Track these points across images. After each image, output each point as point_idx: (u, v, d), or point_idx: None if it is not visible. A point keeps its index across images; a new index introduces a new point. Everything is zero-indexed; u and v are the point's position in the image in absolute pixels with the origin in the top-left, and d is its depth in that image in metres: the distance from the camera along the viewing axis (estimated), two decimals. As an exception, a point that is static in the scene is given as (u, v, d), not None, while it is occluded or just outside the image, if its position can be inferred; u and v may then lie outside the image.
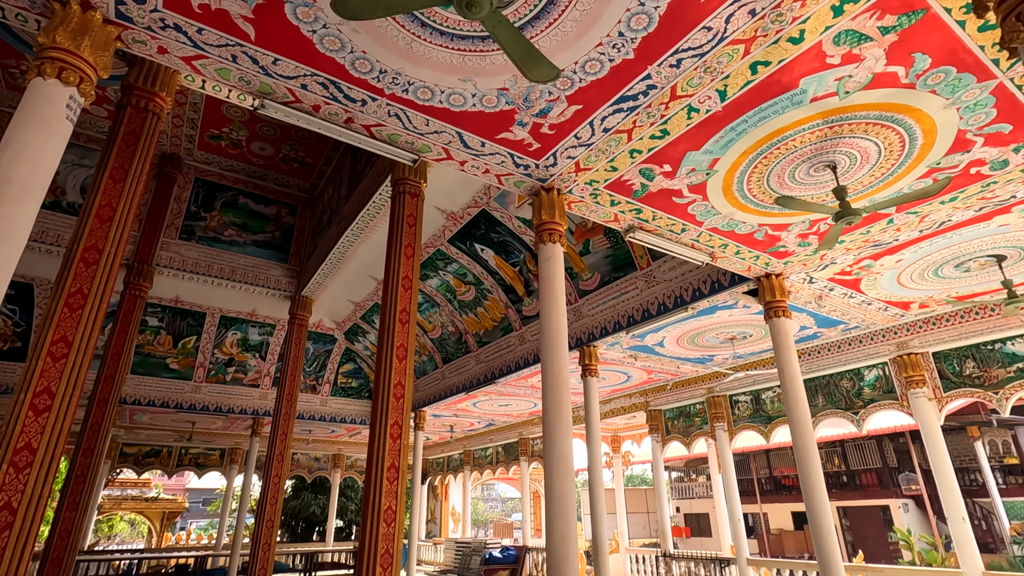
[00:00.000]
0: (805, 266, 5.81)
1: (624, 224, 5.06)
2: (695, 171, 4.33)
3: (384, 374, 6.09)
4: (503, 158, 4.39)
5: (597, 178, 4.45)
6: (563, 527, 3.07)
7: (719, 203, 4.79)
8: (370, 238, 9.42)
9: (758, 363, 8.78)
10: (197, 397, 12.61)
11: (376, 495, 5.64)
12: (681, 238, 5.27)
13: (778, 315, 5.65)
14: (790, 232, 5.32)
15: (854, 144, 4.11)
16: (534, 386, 10.59)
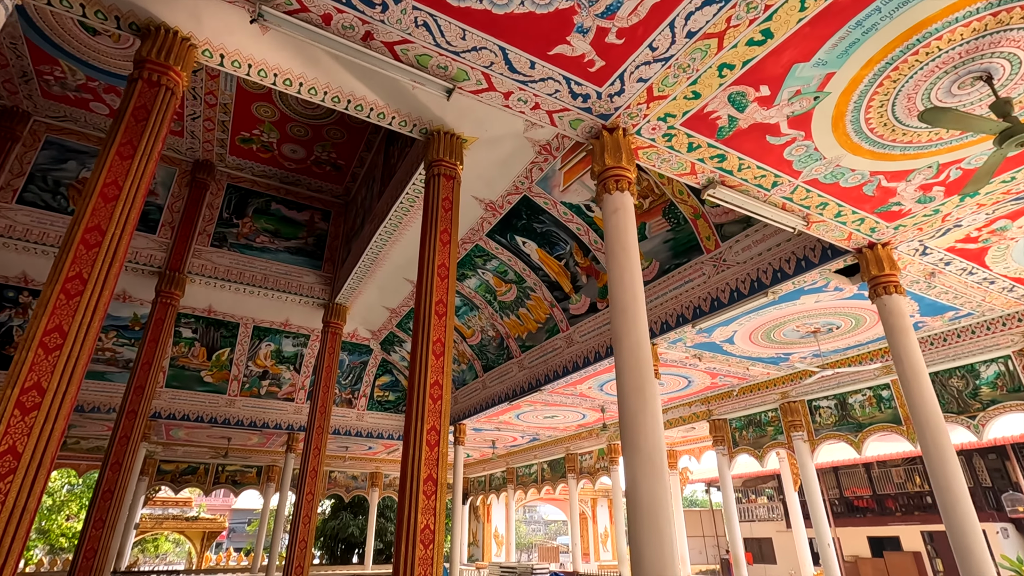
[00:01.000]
0: (921, 231, 4.77)
1: (703, 178, 4.18)
2: (800, 94, 3.43)
3: (419, 373, 5.38)
4: (557, 85, 3.62)
5: (673, 110, 3.58)
6: (657, 551, 2.24)
7: (825, 142, 3.84)
8: (404, 236, 8.83)
9: (842, 362, 7.68)
10: (231, 411, 12.22)
11: (411, 512, 4.87)
12: (771, 196, 4.36)
13: (888, 292, 4.65)
14: (910, 183, 4.32)
15: (1022, 40, 3.06)
16: (584, 394, 9.70)
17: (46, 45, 8.46)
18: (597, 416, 11.33)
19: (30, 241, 9.08)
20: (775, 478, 21.93)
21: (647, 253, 6.99)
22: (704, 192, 4.24)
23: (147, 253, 9.89)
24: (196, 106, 9.60)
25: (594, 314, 7.99)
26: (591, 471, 13.05)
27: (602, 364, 7.88)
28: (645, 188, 6.46)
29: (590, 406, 10.60)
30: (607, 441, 12.17)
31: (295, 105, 9.59)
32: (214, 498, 43.91)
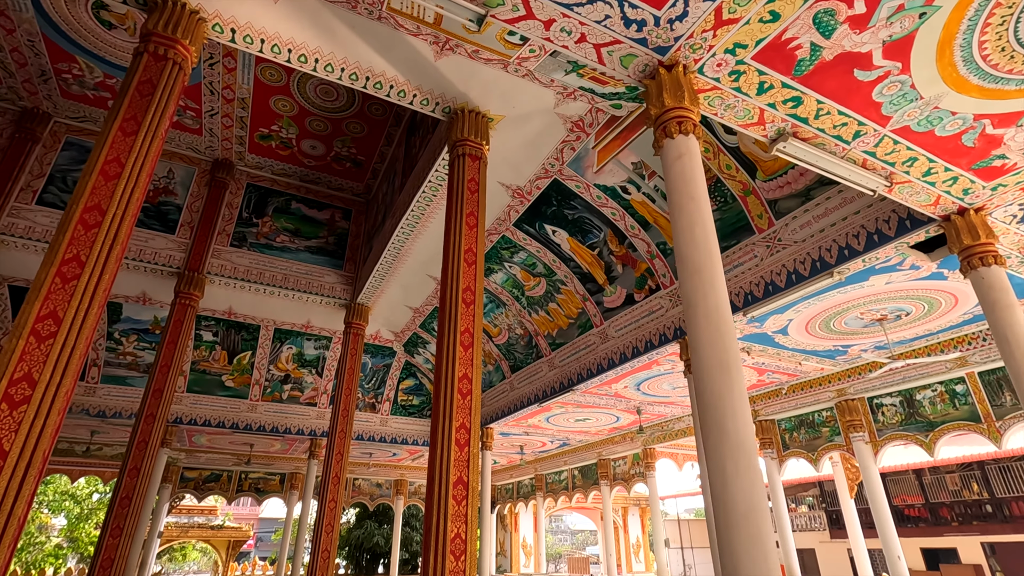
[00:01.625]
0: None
1: (771, 129, 3.61)
2: (903, 10, 2.84)
3: (446, 366, 4.91)
4: (608, 9, 3.06)
5: (744, 39, 3.00)
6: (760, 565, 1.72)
7: (925, 76, 3.23)
8: (427, 229, 8.43)
9: (908, 354, 6.96)
10: (253, 416, 11.94)
11: (440, 520, 4.37)
12: (850, 150, 3.77)
13: (986, 263, 4.00)
14: (1022, 128, 3.67)
15: None
16: (619, 394, 9.12)
17: (63, 41, 8.31)
18: (632, 419, 10.72)
19: (48, 242, 8.91)
20: (816, 485, 20.87)
21: (690, 237, 6.43)
22: (771, 147, 3.69)
23: (166, 254, 9.68)
24: (214, 101, 9.38)
25: (631, 306, 7.44)
26: (625, 477, 12.38)
27: (640, 360, 7.32)
28: (688, 164, 5.91)
29: (625, 407, 10.01)
30: (642, 445, 11.53)
31: (313, 98, 9.30)
32: (241, 507, 44.03)
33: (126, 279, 9.84)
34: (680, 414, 10.39)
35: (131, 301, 10.45)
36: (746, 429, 2.03)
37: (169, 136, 10.16)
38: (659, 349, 6.96)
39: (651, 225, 6.69)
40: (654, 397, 9.42)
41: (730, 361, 2.15)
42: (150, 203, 9.95)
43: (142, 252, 9.51)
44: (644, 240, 6.85)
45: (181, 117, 9.74)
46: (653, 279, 7.02)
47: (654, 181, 6.31)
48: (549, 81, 5.71)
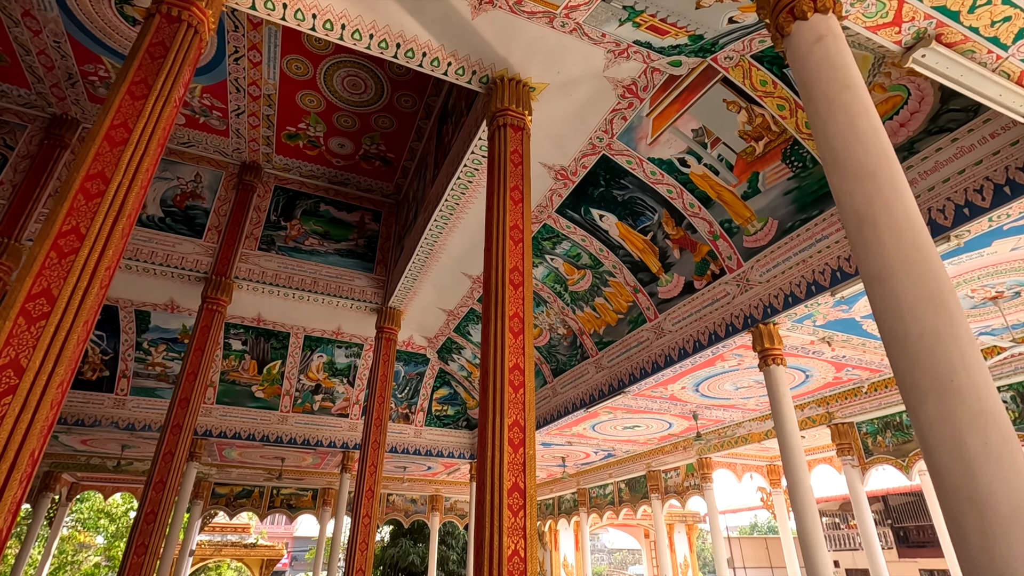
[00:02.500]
0: None
1: (909, 32, 2.86)
2: None
3: (494, 356, 4.28)
4: None
5: None
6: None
7: None
8: (462, 222, 7.88)
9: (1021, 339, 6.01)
10: (284, 429, 11.49)
11: (494, 534, 3.70)
12: (1006, 60, 3.04)
13: None
14: None
15: None
16: (675, 397, 8.31)
17: (88, 41, 8.12)
18: (687, 425, 9.85)
19: (76, 248, 8.67)
20: (880, 500, 19.31)
21: (760, 212, 5.69)
22: (906, 58, 2.98)
23: (193, 258, 9.36)
24: (240, 99, 9.09)
25: (690, 296, 6.69)
26: (679, 490, 11.41)
27: (702, 355, 6.55)
28: (759, 126, 5.22)
29: (680, 412, 9.18)
30: (697, 455, 10.59)
31: (340, 91, 8.92)
32: (276, 525, 43.83)
33: (153, 286, 9.55)
34: (740, 419, 9.49)
35: (159, 309, 10.16)
36: (987, 387, 1.35)
37: (196, 139, 9.93)
38: (725, 341, 6.19)
39: (713, 201, 5.97)
40: (713, 400, 8.58)
41: (944, 291, 1.48)
42: (177, 207, 9.69)
43: (169, 257, 9.21)
44: (705, 219, 6.13)
45: (208, 118, 9.49)
46: (716, 263, 6.28)
47: (717, 149, 5.62)
48: (600, 36, 5.10)
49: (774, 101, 4.98)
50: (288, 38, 8.00)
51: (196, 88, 8.95)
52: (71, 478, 13.83)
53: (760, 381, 7.77)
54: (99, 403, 10.40)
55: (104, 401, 10.44)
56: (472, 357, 11.40)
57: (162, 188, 9.75)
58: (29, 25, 7.91)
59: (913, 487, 19.14)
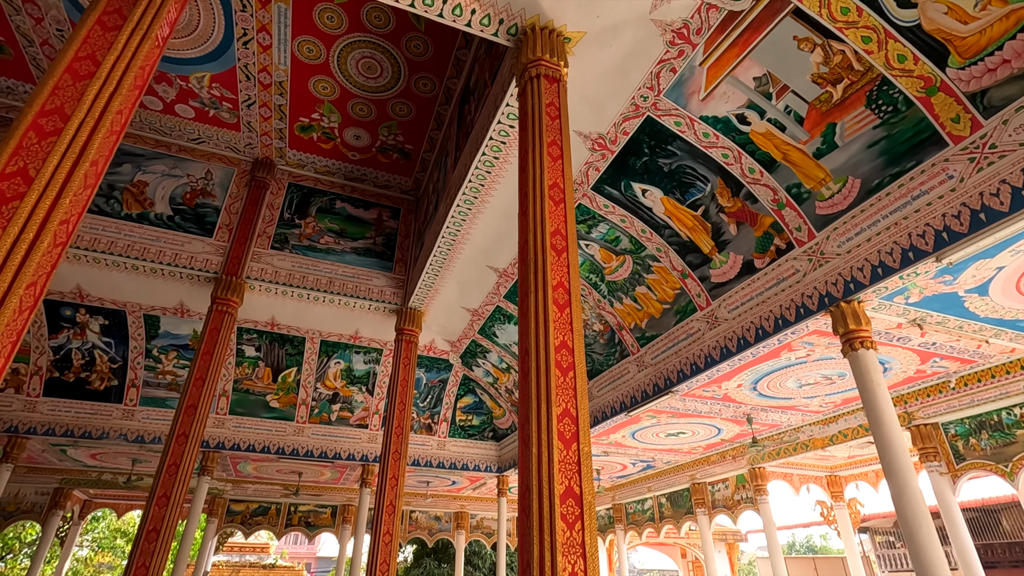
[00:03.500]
0: None
1: None
2: None
3: (537, 334, 3.54)
4: None
5: None
6: None
7: None
8: (487, 206, 7.20)
9: None
10: (300, 440, 10.84)
11: (545, 552, 2.93)
12: None
13: None
14: None
15: None
16: (728, 397, 7.40)
17: (92, 28, 7.73)
18: (738, 430, 8.90)
19: (80, 248, 8.22)
20: (976, 512, 17.67)
21: (837, 171, 4.88)
22: None
23: (203, 258, 8.83)
24: (250, 88, 8.62)
25: (749, 276, 5.86)
26: (728, 504, 10.36)
27: (766, 344, 5.69)
28: (837, 67, 4.44)
29: (732, 415, 8.26)
30: (749, 464, 9.58)
31: (355, 75, 8.39)
32: (298, 545, 43.01)
33: (162, 288, 9.04)
34: (799, 423, 8.52)
35: (168, 313, 9.64)
36: None
37: (206, 135, 9.49)
38: (795, 326, 5.33)
39: (778, 164, 5.18)
40: (772, 400, 7.66)
41: None
42: (187, 206, 9.21)
43: (178, 257, 8.70)
44: (768, 186, 5.34)
45: (217, 111, 9.04)
46: (782, 236, 5.46)
47: (784, 100, 4.84)
48: (649, -37, 4.38)
49: (858, 32, 4.21)
50: (298, 15, 7.50)
51: (204, 77, 8.51)
52: (83, 495, 13.35)
53: (828, 376, 6.84)
54: (107, 414, 9.87)
55: (112, 412, 9.91)
56: (498, 361, 10.64)
57: (171, 186, 9.29)
58: (31, 12, 7.55)
59: (994, 499, 17.57)
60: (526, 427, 3.31)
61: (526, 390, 3.41)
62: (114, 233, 8.49)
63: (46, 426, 9.48)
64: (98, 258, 8.33)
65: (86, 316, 9.47)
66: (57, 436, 9.51)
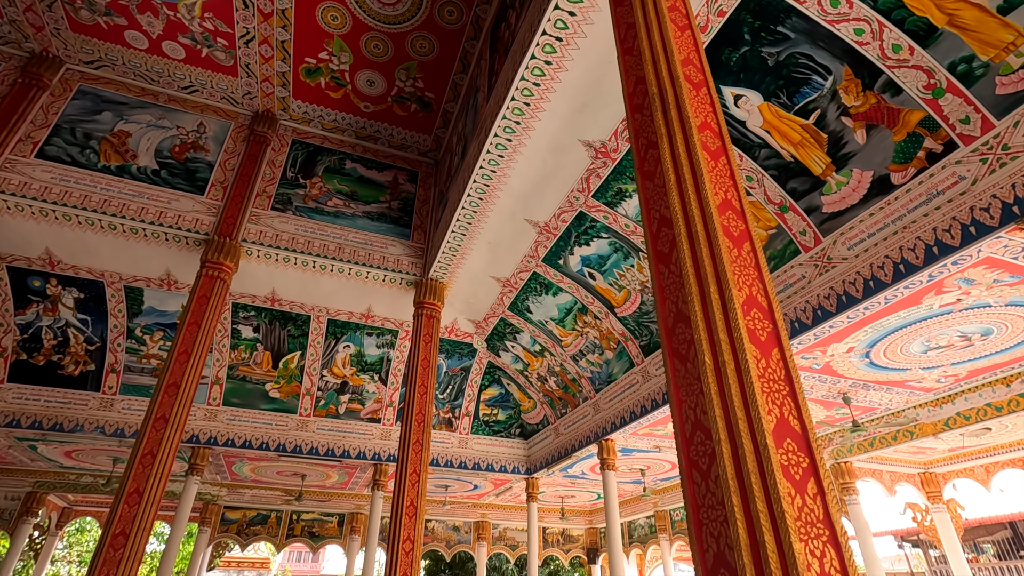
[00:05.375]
0: None
1: None
2: None
3: (681, 191, 2.25)
4: None
5: None
6: None
7: None
8: (530, 138, 5.92)
9: None
10: (304, 436, 9.49)
11: (762, 532, 1.52)
12: None
13: None
14: None
15: None
16: (830, 368, 5.89)
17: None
18: (823, 415, 7.47)
19: (48, 201, 7.01)
20: (1006, 526, 16.14)
21: None
22: None
23: (192, 217, 7.59)
24: (248, 19, 7.45)
25: (880, 198, 4.55)
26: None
27: (909, 283, 4.36)
28: None
29: (823, 394, 6.87)
30: (833, 458, 8.11)
31: (370, 1, 7.19)
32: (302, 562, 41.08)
33: (145, 254, 7.79)
34: (902, 405, 7.09)
35: (153, 285, 8.37)
36: None
37: (199, 81, 8.31)
38: (961, 252, 3.99)
39: (939, 32, 3.89)
40: (882, 372, 6.27)
41: None
42: (175, 160, 8.00)
43: (163, 215, 7.47)
44: (920, 67, 4.04)
45: (211, 49, 7.87)
46: (938, 135, 4.15)
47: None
48: None
49: None
50: (304, -84, 6.34)
51: (195, 5, 7.35)
52: (61, 501, 11.98)
53: (967, 335, 5.45)
54: (82, 404, 8.57)
55: (88, 401, 8.61)
56: (530, 343, 9.31)
57: (158, 137, 8.09)
58: (-10, -81, 6.44)
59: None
60: (679, 330, 2.00)
61: (671, 277, 2.11)
62: (88, 187, 7.27)
63: (10, 416, 8.18)
64: (68, 214, 7.10)
65: (58, 288, 8.21)
66: (23, 428, 8.21)
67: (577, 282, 7.67)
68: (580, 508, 15.28)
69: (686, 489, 1.78)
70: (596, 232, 6.86)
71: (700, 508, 1.71)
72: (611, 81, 5.22)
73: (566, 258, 7.43)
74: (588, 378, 8.79)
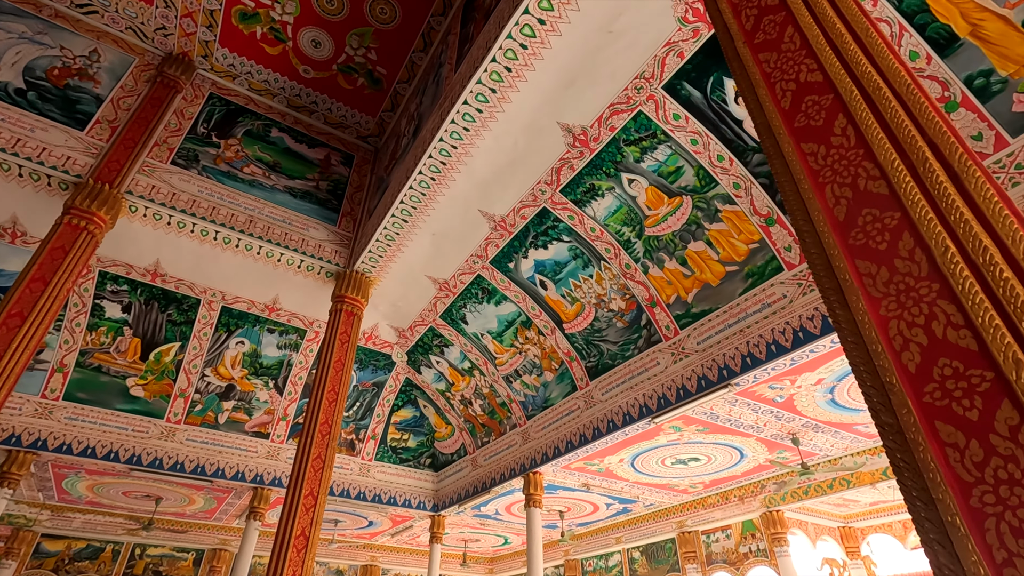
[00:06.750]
0: None
1: None
2: None
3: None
4: None
5: None
6: None
7: None
8: (506, 112, 5.24)
9: None
10: (168, 447, 7.74)
11: None
12: None
13: None
14: None
15: None
16: (791, 404, 5.54)
17: None
18: (764, 459, 7.11)
19: None
20: None
21: None
22: None
23: (62, 153, 6.07)
24: (179, -65, 6.29)
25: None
26: (731, 559, 8.32)
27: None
28: None
29: (772, 434, 6.52)
30: (764, 507, 7.74)
31: (332, -54, 6.36)
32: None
33: (-14, 190, 6.06)
34: (841, 452, 6.90)
35: (-9, 234, 6.55)
36: None
37: (102, 2, 6.90)
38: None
39: (960, 43, 3.75)
40: (840, 413, 6.02)
41: None
42: (53, 84, 6.46)
43: (21, 144, 5.90)
44: (936, 78, 3.89)
45: (124, -37, 6.56)
46: (946, 151, 3.97)
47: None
48: None
49: None
50: None
51: (113, -98, 6.10)
52: None
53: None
54: None
55: None
56: (459, 359, 8.35)
57: (32, 54, 6.52)
58: None
59: None
60: (868, 220, 1.30)
61: (840, 151, 1.42)
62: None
63: None
64: None
65: None
66: None
67: (525, 290, 6.93)
68: (482, 554, 14.01)
69: (931, 453, 1.04)
70: (557, 234, 6.23)
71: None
72: (606, 56, 4.71)
73: (518, 261, 6.70)
74: (520, 402, 7.95)
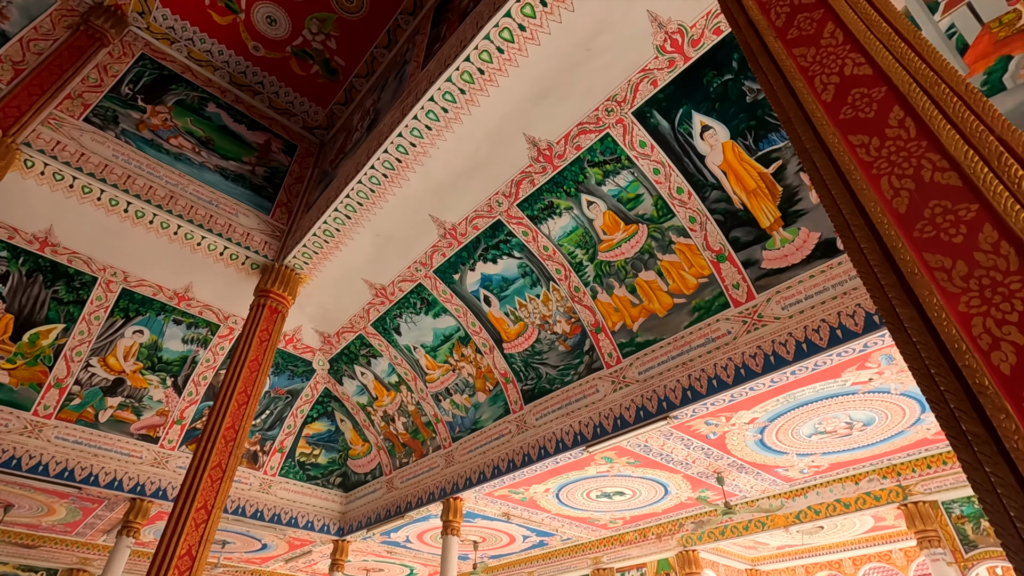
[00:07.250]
0: None
1: None
2: None
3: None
4: None
5: None
6: None
7: None
8: (467, 118, 5.08)
9: None
10: (31, 445, 6.65)
11: None
12: None
13: None
14: None
15: None
16: (723, 443, 5.56)
17: None
18: (686, 498, 7.11)
19: None
20: None
21: (1009, 115, 3.82)
22: None
23: (-52, 88, 5.20)
24: None
25: (824, 261, 4.47)
26: (644, 598, 8.25)
27: (837, 352, 4.22)
28: None
29: (700, 471, 6.54)
30: (681, 546, 7.70)
31: (304, -79, 6.04)
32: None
33: None
34: (759, 494, 7.05)
35: None
36: None
37: (25, -69, 6.10)
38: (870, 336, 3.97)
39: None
40: (768, 455, 6.13)
41: None
42: (-53, 9, 5.57)
43: None
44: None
45: None
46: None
47: (953, 16, 3.77)
48: None
49: None
50: None
51: None
52: None
53: (862, 422, 5.52)
54: None
55: None
56: (387, 372, 7.87)
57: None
58: None
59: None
60: (938, 212, 1.20)
61: (897, 143, 1.33)
62: None
63: None
64: None
65: None
66: None
67: (468, 305, 6.66)
68: None
69: None
70: (509, 249, 6.05)
71: None
72: (582, 73, 4.68)
73: (464, 273, 6.44)
74: (447, 423, 7.56)
